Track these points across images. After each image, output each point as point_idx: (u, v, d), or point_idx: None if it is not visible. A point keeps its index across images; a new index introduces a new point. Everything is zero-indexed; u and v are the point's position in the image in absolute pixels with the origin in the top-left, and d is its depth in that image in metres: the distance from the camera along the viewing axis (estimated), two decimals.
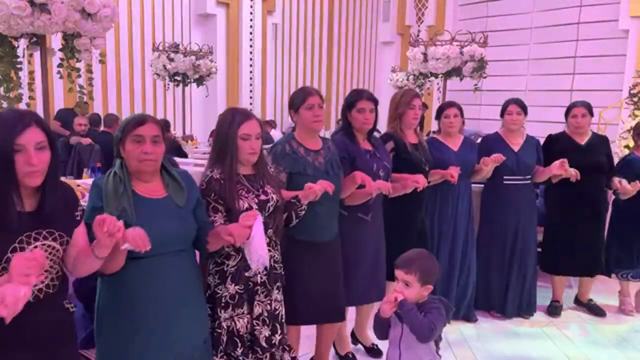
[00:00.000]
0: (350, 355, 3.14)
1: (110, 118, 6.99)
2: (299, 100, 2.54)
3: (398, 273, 2.11)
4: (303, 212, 2.35)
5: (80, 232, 1.66)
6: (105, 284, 1.86)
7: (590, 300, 3.99)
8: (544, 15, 11.74)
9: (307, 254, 2.50)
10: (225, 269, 2.15)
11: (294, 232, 2.43)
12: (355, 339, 3.24)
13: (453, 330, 3.54)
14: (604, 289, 4.31)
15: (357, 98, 2.79)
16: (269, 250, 2.20)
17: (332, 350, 3.07)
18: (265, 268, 2.18)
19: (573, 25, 11.28)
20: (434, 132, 5.99)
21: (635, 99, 7.69)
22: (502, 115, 3.70)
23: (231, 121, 2.14)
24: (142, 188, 1.86)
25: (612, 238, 3.96)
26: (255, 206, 2.12)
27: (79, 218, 1.68)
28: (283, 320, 2.34)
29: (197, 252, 2.12)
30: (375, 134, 3.03)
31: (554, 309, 3.93)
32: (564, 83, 11.32)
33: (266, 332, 2.24)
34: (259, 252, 1.95)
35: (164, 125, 7.16)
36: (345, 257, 2.74)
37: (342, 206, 2.71)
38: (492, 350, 3.40)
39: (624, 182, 3.58)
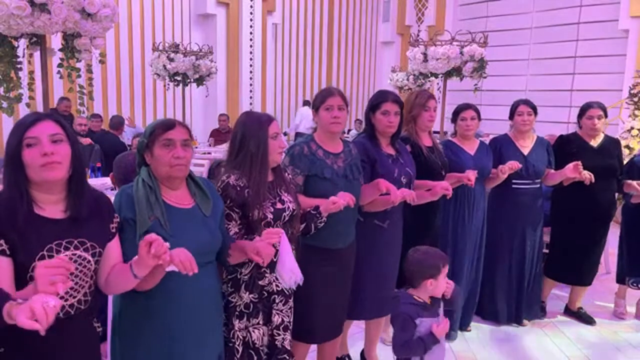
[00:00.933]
0: (347, 358, 3.11)
1: (117, 120, 6.94)
2: (319, 100, 2.44)
3: (445, 268, 2.22)
4: (323, 224, 2.26)
5: (114, 245, 1.61)
6: (128, 296, 1.74)
7: (580, 308, 3.91)
8: (544, 15, 11.75)
9: (320, 262, 2.37)
10: (239, 276, 2.08)
11: (307, 238, 2.31)
12: None
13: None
14: (602, 290, 4.32)
15: (381, 100, 2.67)
16: None
17: None
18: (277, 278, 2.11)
19: (573, 25, 11.28)
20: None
21: (635, 99, 7.69)
22: (511, 116, 3.61)
23: (259, 123, 2.08)
24: (171, 196, 1.79)
25: (623, 246, 3.89)
26: (270, 215, 2.05)
27: (114, 230, 1.62)
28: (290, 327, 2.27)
29: None
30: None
31: (540, 308, 3.88)
32: (564, 83, 11.32)
33: (288, 337, 2.20)
34: (293, 270, 1.91)
35: None
36: (357, 265, 2.63)
37: (359, 212, 2.60)
38: (492, 350, 3.40)
39: None
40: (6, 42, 3.26)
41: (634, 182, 3.54)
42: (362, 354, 3.15)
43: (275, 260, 1.87)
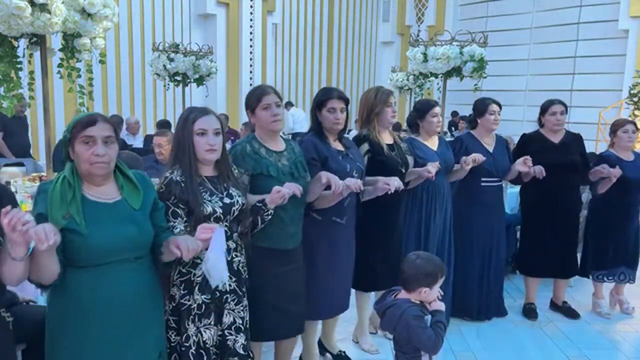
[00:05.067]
0: (343, 354, 3.12)
1: (116, 120, 6.92)
2: (254, 100, 2.39)
3: (442, 279, 2.21)
4: (269, 217, 2.24)
5: None
6: (54, 295, 1.74)
7: (565, 302, 3.95)
8: (544, 15, 11.76)
9: (271, 263, 2.37)
10: (192, 278, 2.04)
11: (258, 239, 2.27)
12: (322, 348, 3.13)
13: (453, 330, 3.54)
14: (585, 290, 4.31)
15: (327, 97, 2.65)
16: (236, 256, 2.14)
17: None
18: (230, 277, 2.08)
19: (573, 25, 11.30)
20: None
21: (635, 99, 7.71)
22: (480, 115, 3.60)
23: (186, 118, 2.05)
24: (94, 192, 1.75)
25: (587, 239, 3.94)
26: (219, 210, 2.02)
27: None
28: (248, 326, 2.23)
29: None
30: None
31: (531, 312, 3.86)
32: (564, 83, 11.33)
33: (242, 339, 2.15)
34: (217, 269, 1.84)
35: (164, 125, 7.17)
36: (319, 264, 2.63)
37: (316, 210, 2.58)
38: (492, 350, 3.40)
39: (607, 166, 3.54)
40: (6, 42, 3.26)
41: (599, 167, 3.55)
42: (319, 342, 3.14)
43: (205, 256, 1.83)
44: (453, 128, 10.79)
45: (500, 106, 3.61)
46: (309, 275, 2.60)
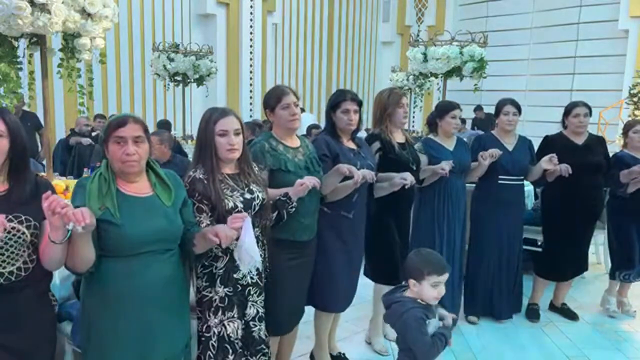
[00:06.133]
0: (343, 356, 3.15)
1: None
2: (274, 100, 2.50)
3: (432, 277, 2.15)
4: (294, 209, 2.33)
5: None
6: (87, 283, 1.85)
7: (564, 304, 3.97)
8: (544, 15, 11.77)
9: (285, 255, 2.44)
10: (214, 271, 2.12)
11: (275, 231, 2.36)
12: None
13: (453, 330, 3.53)
14: (593, 289, 4.32)
15: (341, 99, 2.79)
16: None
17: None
18: (257, 269, 2.18)
19: (573, 25, 11.31)
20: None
21: (635, 99, 7.71)
22: (496, 115, 3.69)
23: (208, 119, 2.14)
24: (128, 187, 1.85)
25: (612, 240, 3.93)
26: (240, 205, 2.10)
27: None
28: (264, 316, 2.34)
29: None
30: (361, 133, 3.02)
31: (533, 313, 3.88)
32: (564, 83, 11.34)
33: (263, 327, 2.26)
34: (250, 254, 1.94)
35: (164, 125, 7.17)
36: (326, 258, 2.71)
37: (325, 204, 2.68)
38: (492, 350, 3.40)
39: None
40: (6, 42, 3.26)
41: (635, 167, 3.57)
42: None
43: (237, 243, 1.92)
44: (476, 127, 10.27)
45: (518, 107, 3.63)
46: (316, 266, 2.68)
